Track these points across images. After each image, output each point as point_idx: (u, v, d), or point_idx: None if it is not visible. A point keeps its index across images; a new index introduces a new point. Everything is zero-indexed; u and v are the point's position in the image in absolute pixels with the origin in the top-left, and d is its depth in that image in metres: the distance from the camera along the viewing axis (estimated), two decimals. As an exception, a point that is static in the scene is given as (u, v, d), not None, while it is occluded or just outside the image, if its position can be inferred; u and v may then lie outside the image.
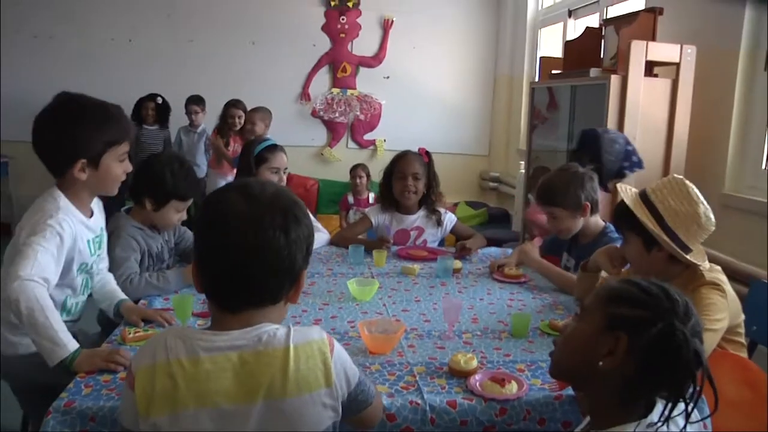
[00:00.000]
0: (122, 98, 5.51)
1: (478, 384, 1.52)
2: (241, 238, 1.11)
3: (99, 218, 1.95)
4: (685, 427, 1.09)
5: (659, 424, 1.07)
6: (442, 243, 3.14)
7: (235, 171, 5.03)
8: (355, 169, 5.29)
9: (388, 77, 6.55)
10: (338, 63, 6.46)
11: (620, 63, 3.33)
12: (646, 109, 3.24)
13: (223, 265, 1.13)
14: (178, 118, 5.81)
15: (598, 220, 2.50)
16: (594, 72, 3.47)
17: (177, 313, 1.87)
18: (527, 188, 4.78)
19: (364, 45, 6.51)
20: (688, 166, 3.27)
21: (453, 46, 6.61)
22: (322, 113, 6.51)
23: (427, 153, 3.02)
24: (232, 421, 1.10)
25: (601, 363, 1.14)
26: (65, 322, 1.65)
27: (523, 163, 5.60)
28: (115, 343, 1.73)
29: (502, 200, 6.47)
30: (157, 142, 5.65)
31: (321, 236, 2.93)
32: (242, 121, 5.24)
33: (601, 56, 3.94)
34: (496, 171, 6.57)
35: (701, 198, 1.80)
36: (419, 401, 1.47)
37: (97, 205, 1.95)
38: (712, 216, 1.80)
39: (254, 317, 1.16)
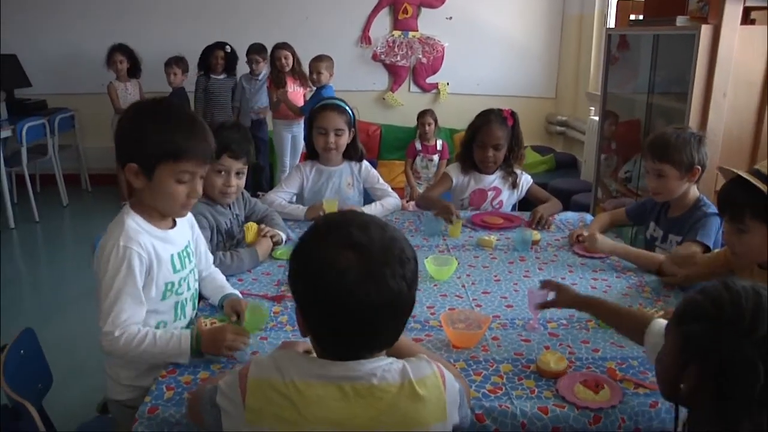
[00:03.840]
0: (180, 48, 5.64)
1: (569, 389, 1.46)
2: (364, 297, 1.04)
3: (184, 229, 1.77)
4: None
5: None
6: (515, 207, 3.05)
7: (302, 119, 5.11)
8: (422, 116, 5.15)
9: (450, 18, 6.30)
10: (399, 4, 6.24)
11: (712, 10, 3.07)
12: (741, 60, 3.00)
13: (345, 324, 1.07)
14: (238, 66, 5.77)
15: (694, 190, 2.34)
16: (681, 21, 3.22)
17: (248, 323, 1.71)
18: (601, 136, 4.58)
19: (425, -16, 6.25)
20: (784, 123, 3.04)
21: (519, -16, 6.28)
22: (383, 57, 6.35)
23: (513, 115, 2.86)
24: None
25: (682, 386, 1.08)
26: None
27: (593, 109, 5.39)
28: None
29: (569, 145, 6.26)
30: (225, 91, 5.63)
31: (392, 201, 2.87)
32: (290, 62, 5.26)
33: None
34: (564, 115, 6.33)
35: None
36: (509, 405, 1.42)
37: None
38: None
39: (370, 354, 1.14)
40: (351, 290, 1.04)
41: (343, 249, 1.06)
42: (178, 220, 1.73)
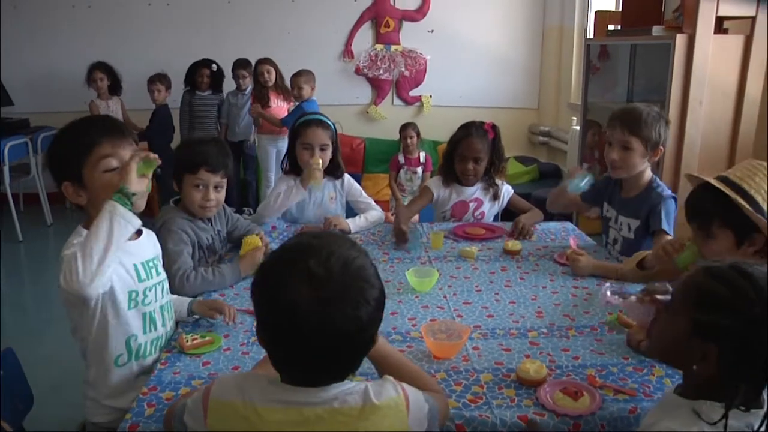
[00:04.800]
0: (162, 65, 5.65)
1: (549, 397, 1.47)
2: (311, 332, 1.03)
3: (148, 245, 1.76)
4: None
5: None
6: (497, 217, 3.07)
7: (287, 131, 5.10)
8: (405, 129, 5.17)
9: (432, 31, 6.35)
10: (381, 18, 6.28)
11: (686, 19, 3.13)
12: (715, 69, 3.05)
13: (294, 353, 1.08)
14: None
15: (648, 172, 2.36)
16: (657, 30, 3.28)
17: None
18: (582, 145, 4.63)
19: (407, -2, 6.31)
20: (758, 132, 3.07)
21: (499, -3, 6.35)
22: (366, 70, 6.38)
23: (494, 128, 2.88)
24: None
25: (695, 367, 1.12)
26: (140, 365, 1.68)
27: (575, 119, 5.44)
28: (174, 352, 1.72)
29: (552, 155, 6.31)
30: (210, 108, 5.63)
31: (375, 214, 2.88)
32: (273, 77, 5.30)
33: (663, 8, 3.72)
34: (546, 125, 6.38)
35: None
36: (489, 414, 1.43)
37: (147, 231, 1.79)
38: None
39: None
40: (299, 323, 1.03)
41: (299, 280, 1.04)
42: (144, 234, 1.74)
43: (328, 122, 2.80)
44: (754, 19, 3.02)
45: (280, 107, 5.39)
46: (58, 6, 6.06)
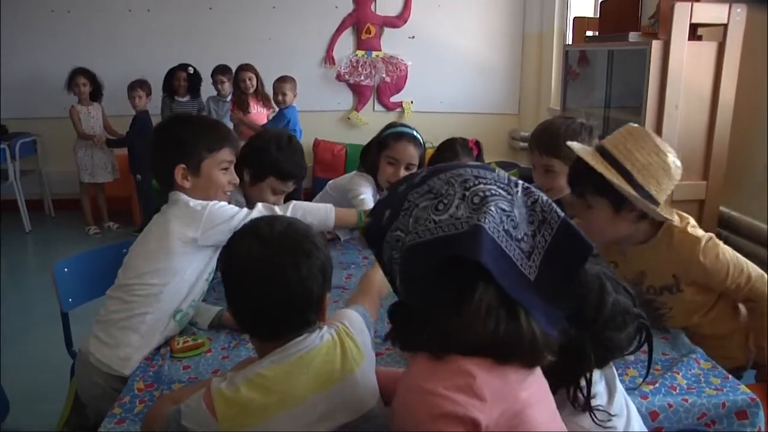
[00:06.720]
0: (142, 71, 5.61)
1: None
2: (257, 282, 1.18)
3: None
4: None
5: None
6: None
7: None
8: None
9: (413, 37, 6.39)
10: (362, 24, 6.31)
11: (662, 26, 3.17)
12: (690, 75, 3.09)
13: (247, 306, 1.24)
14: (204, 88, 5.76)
15: None
16: (633, 36, 3.32)
17: None
18: (560, 151, 4.67)
19: (387, 5, 6.34)
20: (733, 136, 3.13)
21: (479, 3, 6.40)
22: (347, 76, 6.40)
23: (477, 144, 2.73)
24: (314, 410, 1.16)
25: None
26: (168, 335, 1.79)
27: (555, 123, 5.49)
28: (168, 355, 1.72)
29: (533, 160, 6.35)
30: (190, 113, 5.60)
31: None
32: (254, 83, 5.29)
33: (639, 14, 3.77)
34: (527, 130, 6.42)
35: (668, 146, 1.64)
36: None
37: None
38: (679, 162, 1.64)
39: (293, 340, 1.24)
40: (249, 274, 1.19)
41: (248, 239, 1.23)
42: None
43: (421, 139, 2.54)
44: (726, 26, 3.08)
45: (259, 113, 5.39)
46: (36, 11, 6.00)
